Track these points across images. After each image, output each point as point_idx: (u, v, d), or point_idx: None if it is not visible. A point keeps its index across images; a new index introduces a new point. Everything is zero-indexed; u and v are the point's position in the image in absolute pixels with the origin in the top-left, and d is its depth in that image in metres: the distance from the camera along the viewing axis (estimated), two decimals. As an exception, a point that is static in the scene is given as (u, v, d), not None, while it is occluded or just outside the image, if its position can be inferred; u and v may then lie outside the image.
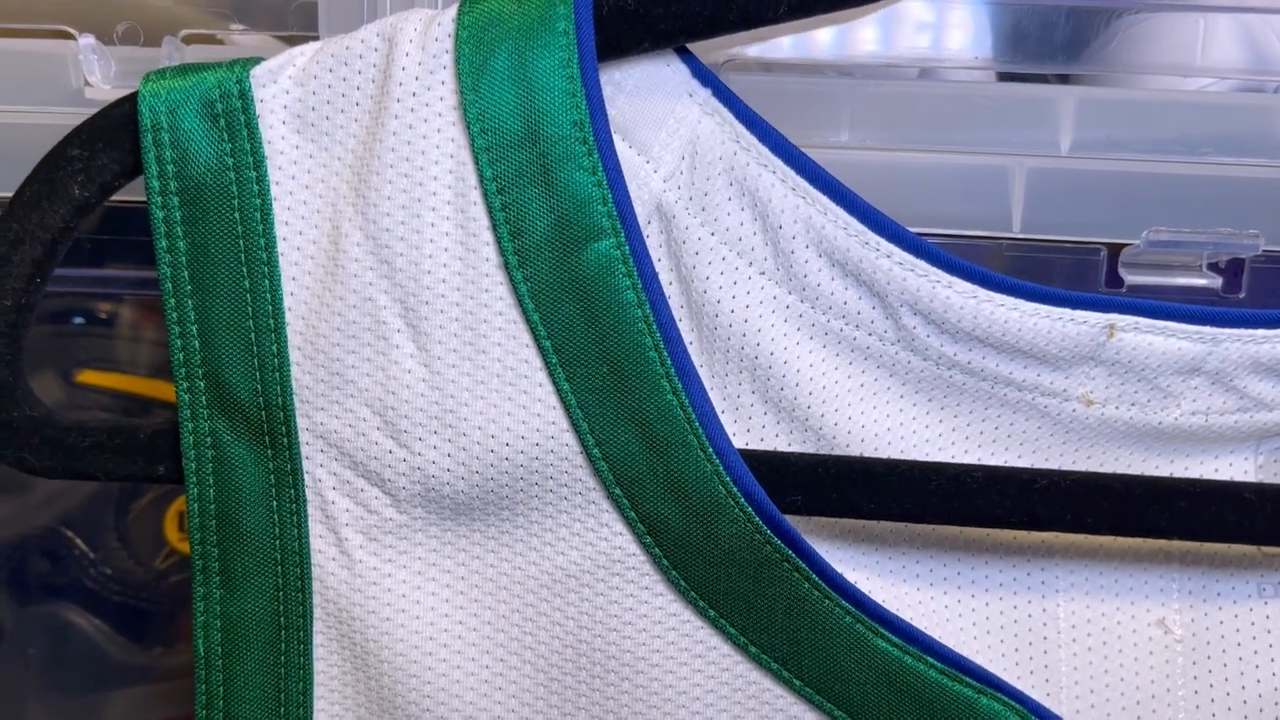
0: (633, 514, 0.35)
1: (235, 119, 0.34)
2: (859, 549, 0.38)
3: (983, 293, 0.36)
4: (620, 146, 0.36)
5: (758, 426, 0.38)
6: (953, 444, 0.39)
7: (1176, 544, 0.39)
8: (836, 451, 0.38)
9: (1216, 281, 0.38)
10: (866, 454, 0.38)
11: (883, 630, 0.36)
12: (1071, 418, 0.38)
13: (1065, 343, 0.37)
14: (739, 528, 0.35)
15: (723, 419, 0.38)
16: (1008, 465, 0.38)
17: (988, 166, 0.37)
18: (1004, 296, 0.36)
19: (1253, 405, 0.37)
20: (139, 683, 0.51)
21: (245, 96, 0.34)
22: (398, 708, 0.36)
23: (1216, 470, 0.39)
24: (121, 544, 0.50)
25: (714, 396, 0.38)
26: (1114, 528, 0.36)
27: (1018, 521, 0.36)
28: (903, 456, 0.39)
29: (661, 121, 0.37)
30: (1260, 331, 0.36)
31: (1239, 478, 0.39)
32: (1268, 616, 0.38)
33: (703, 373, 0.38)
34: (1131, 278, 0.38)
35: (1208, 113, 0.37)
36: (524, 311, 0.34)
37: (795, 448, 0.38)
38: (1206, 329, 0.37)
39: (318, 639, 0.36)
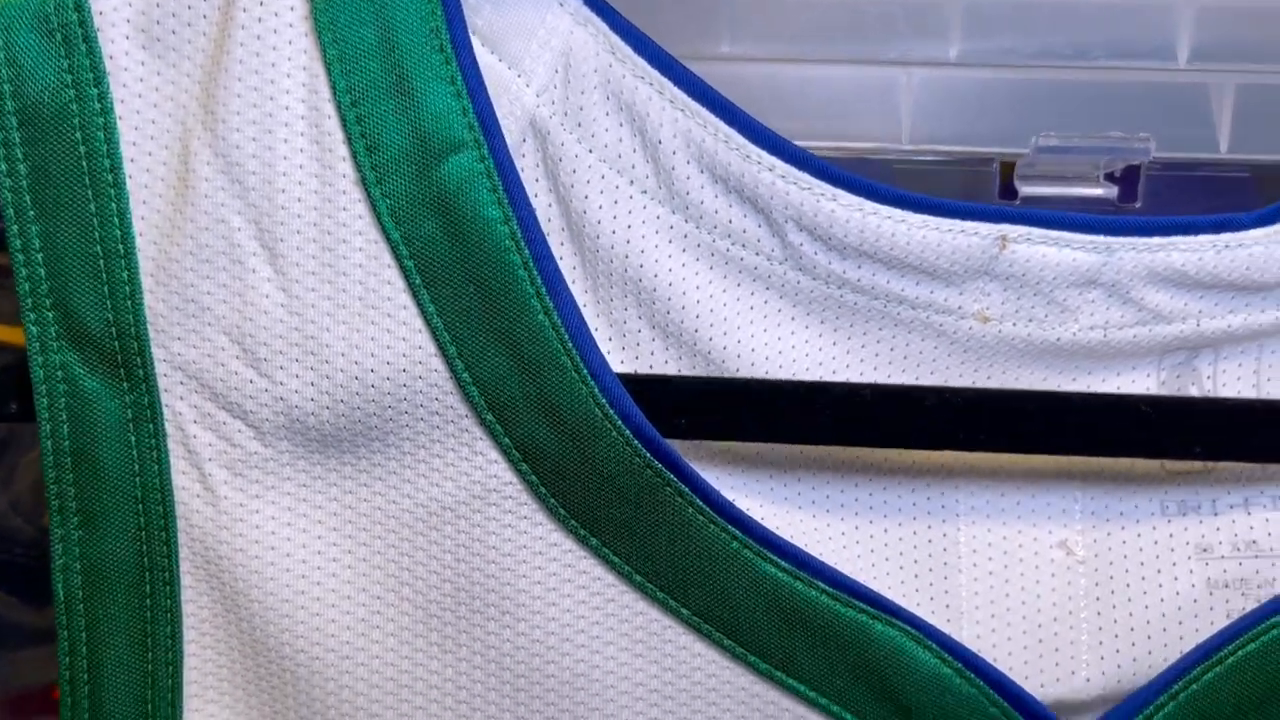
0: (506, 440, 0.34)
1: (72, 33, 0.33)
2: (751, 476, 0.37)
3: (868, 205, 0.35)
4: (489, 59, 0.35)
5: (646, 353, 0.37)
6: (847, 366, 0.37)
7: (1079, 465, 0.38)
8: (727, 376, 0.37)
9: (1112, 191, 0.37)
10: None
11: (771, 555, 0.35)
12: (968, 336, 0.37)
13: (957, 256, 0.35)
14: (617, 451, 0.34)
15: (609, 345, 0.37)
16: (904, 387, 0.37)
17: (875, 77, 0.36)
18: (890, 209, 0.35)
19: (1151, 318, 0.36)
20: (33, 644, 0.49)
21: (82, 9, 0.32)
22: (270, 649, 0.35)
23: (1119, 388, 0.38)
24: (7, 501, 0.48)
25: (600, 323, 0.37)
26: (1007, 444, 0.35)
27: (908, 440, 0.35)
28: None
29: (531, 32, 0.35)
30: (1155, 239, 0.35)
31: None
32: (1170, 535, 0.37)
33: (587, 298, 0.37)
34: (1026, 189, 0.37)
35: (1098, 16, 0.35)
36: (383, 230, 0.33)
37: (685, 374, 0.37)
38: (1100, 238, 0.35)
39: (185, 580, 0.35)
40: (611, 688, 0.35)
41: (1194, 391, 0.38)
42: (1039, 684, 0.37)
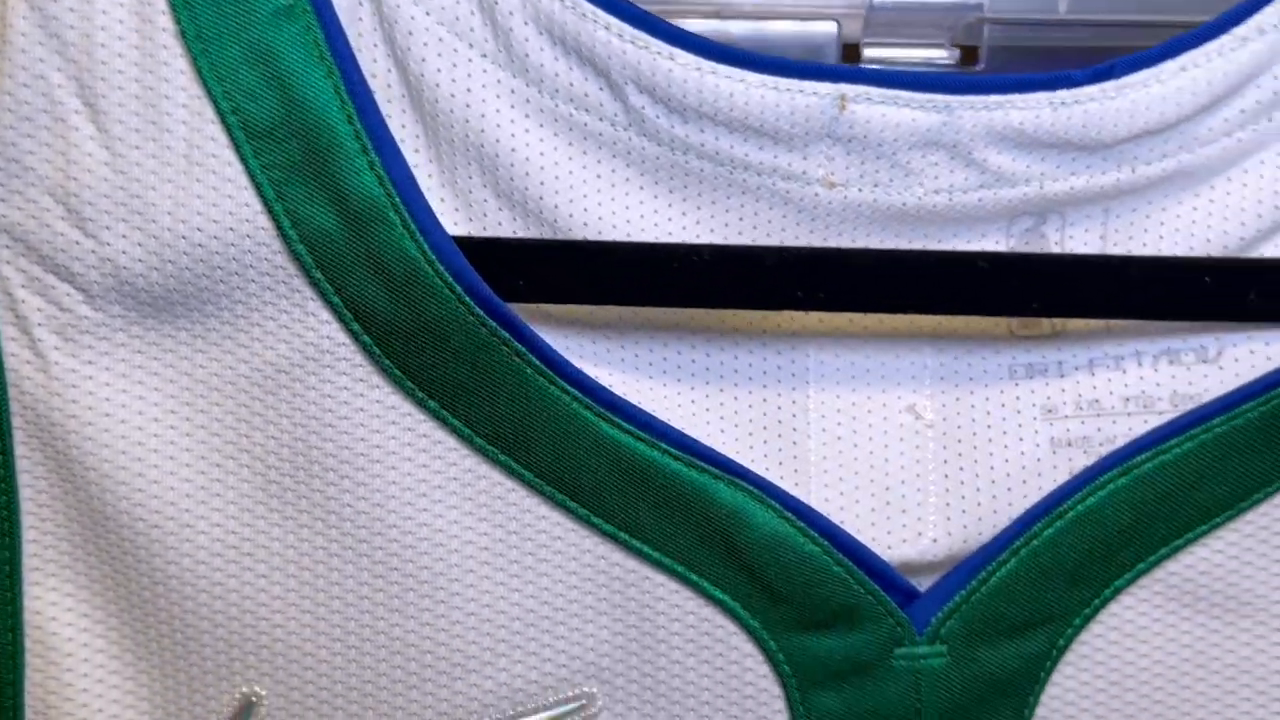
0: (337, 300, 0.34)
1: None
2: (597, 342, 0.37)
3: (706, 64, 0.35)
4: (319, -83, 0.34)
5: (493, 223, 0.37)
6: (696, 237, 0.37)
7: (928, 329, 0.38)
8: (571, 242, 0.37)
9: (954, 55, 0.37)
10: (604, 245, 0.37)
11: (614, 417, 0.35)
12: (815, 203, 0.37)
13: (797, 117, 0.35)
14: (450, 311, 0.34)
15: (456, 215, 0.37)
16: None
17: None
18: (729, 68, 0.35)
19: (994, 180, 0.36)
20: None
21: None
22: (109, 520, 0.34)
23: (969, 255, 0.38)
24: None
25: (445, 192, 0.37)
26: (846, 303, 0.35)
27: (749, 301, 0.35)
28: (648, 251, 0.37)
29: (362, -109, 0.35)
30: (992, 97, 0.35)
31: (991, 261, 0.38)
32: (1017, 398, 0.38)
33: (432, 167, 0.37)
34: (869, 52, 0.37)
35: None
36: (205, 85, 0.32)
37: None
38: (938, 97, 0.35)
39: (19, 450, 0.34)
40: (455, 552, 0.35)
41: (1042, 257, 0.38)
42: (886, 545, 0.37)
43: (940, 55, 0.37)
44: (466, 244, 0.34)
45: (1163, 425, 0.36)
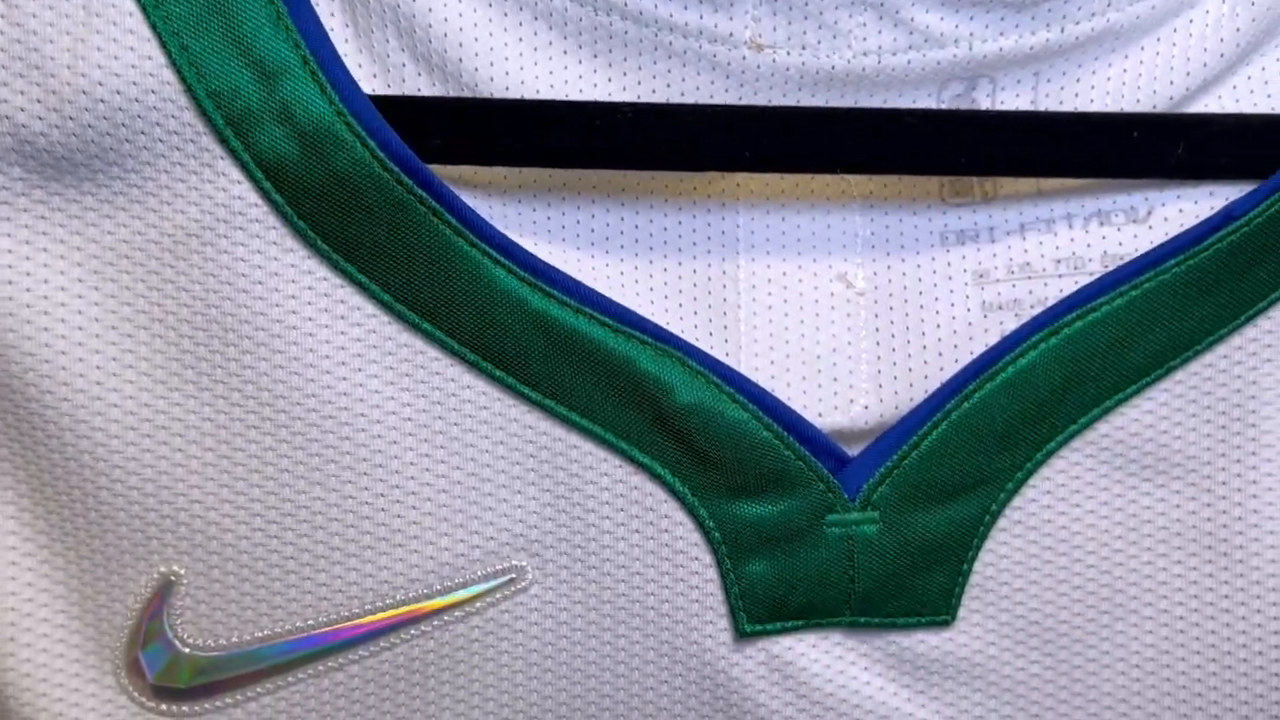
0: (247, 157, 0.33)
1: None
2: (522, 208, 0.36)
3: (626, -84, 0.34)
4: None
5: (412, 88, 0.35)
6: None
7: (860, 194, 0.38)
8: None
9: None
10: (526, 111, 0.36)
11: (538, 282, 0.34)
12: (742, 66, 0.36)
13: (720, -27, 0.35)
14: (365, 169, 0.33)
15: (373, 80, 0.35)
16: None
17: None
18: (649, -80, 0.34)
19: (923, 41, 0.36)
20: None
21: None
22: (16, 392, 0.33)
23: (899, 122, 0.37)
24: None
25: (363, 58, 0.35)
26: (771, 163, 0.35)
27: (673, 161, 0.34)
28: (574, 120, 0.36)
29: None
30: (938, -49, 0.35)
31: (922, 128, 0.37)
32: (949, 263, 0.37)
33: (348, 32, 0.35)
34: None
35: None
36: None
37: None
38: (865, -49, 0.35)
39: (-81, 322, 0.33)
40: (377, 423, 0.34)
41: (973, 123, 0.38)
42: (817, 413, 0.36)
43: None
44: (382, 102, 0.33)
45: (1091, 283, 0.35)
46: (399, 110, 0.33)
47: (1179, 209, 0.36)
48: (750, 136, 0.34)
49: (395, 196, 0.33)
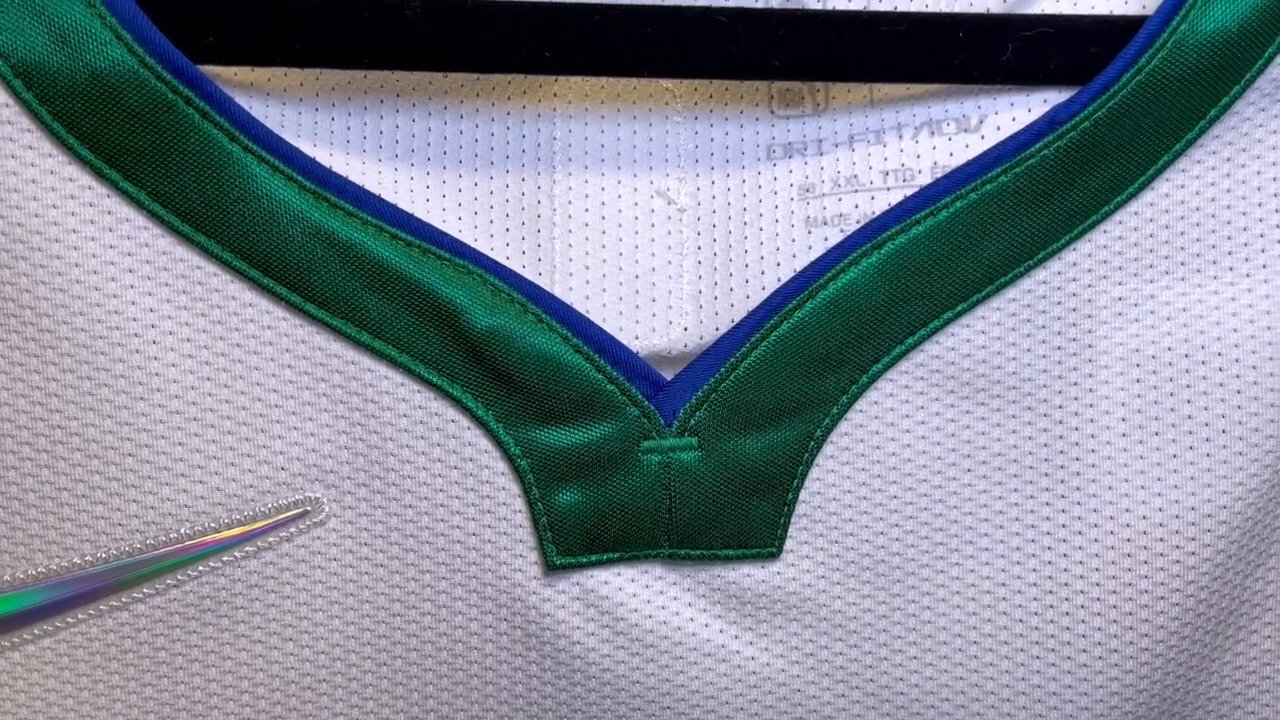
0: None
1: None
2: (322, 114, 0.34)
3: None
4: None
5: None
6: (429, 7, 0.34)
7: (684, 102, 0.36)
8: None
9: None
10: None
11: (323, 191, 0.32)
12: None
13: None
14: (124, 67, 0.30)
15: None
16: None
17: None
18: None
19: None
20: None
21: None
22: None
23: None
24: None
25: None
26: (577, 63, 0.32)
27: (465, 61, 0.32)
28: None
29: None
30: None
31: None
32: (775, 178, 0.35)
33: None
34: None
35: None
36: None
37: None
38: None
39: None
40: (153, 344, 0.32)
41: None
42: (634, 335, 0.35)
43: None
44: (146, -3, 0.31)
45: (914, 195, 0.33)
46: (168, 5, 0.31)
47: (1012, 117, 0.34)
48: (550, 35, 0.32)
49: (159, 97, 0.30)
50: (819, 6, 0.35)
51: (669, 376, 0.34)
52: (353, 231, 0.32)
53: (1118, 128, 0.32)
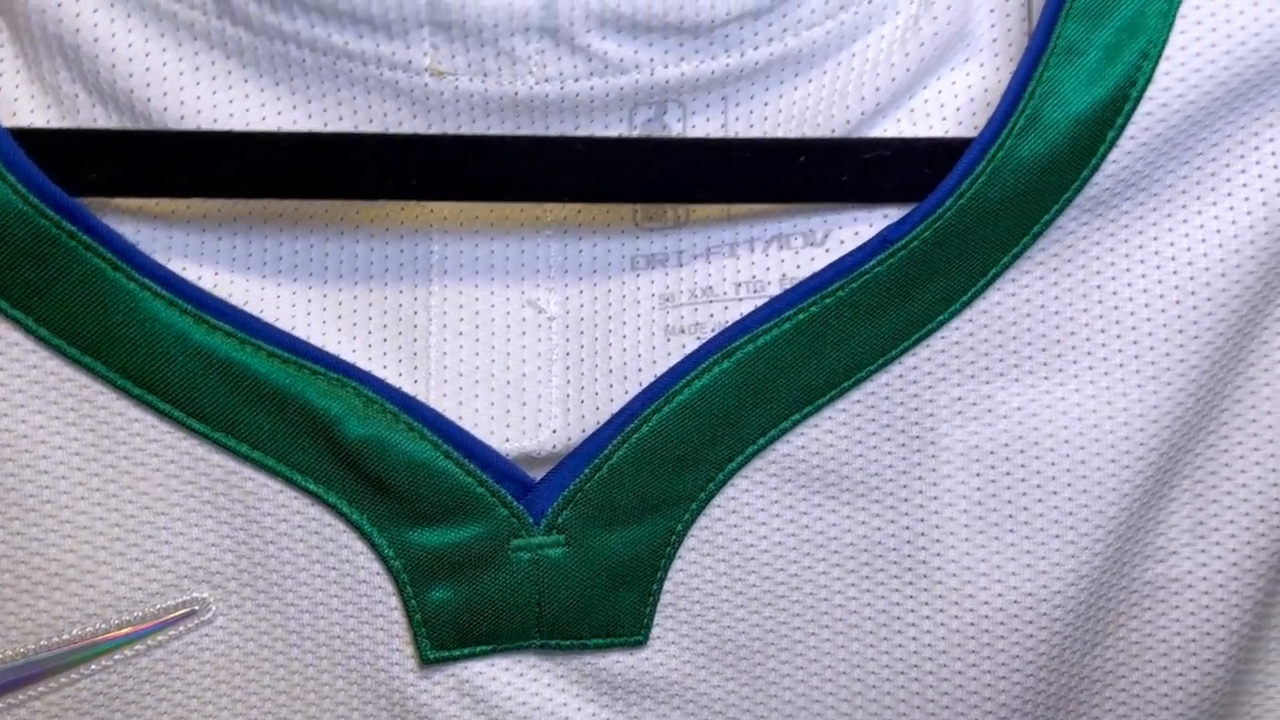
0: None
1: None
2: (208, 236, 0.36)
3: (285, -54, 0.34)
4: None
5: (88, 119, 0.35)
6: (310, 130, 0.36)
7: (555, 219, 0.38)
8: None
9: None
10: (203, 140, 0.35)
11: (202, 314, 0.34)
12: (427, 94, 0.36)
13: (390, 2, 0.34)
14: (10, 207, 0.32)
15: (48, 112, 0.35)
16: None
17: None
18: (309, -50, 0.34)
19: (604, 67, 0.36)
20: None
21: None
22: None
23: (593, 146, 0.38)
24: None
25: (35, 89, 0.35)
26: (444, 190, 0.35)
27: (335, 189, 0.34)
28: (261, 148, 0.36)
29: None
30: (589, -22, 0.35)
31: (616, 151, 0.38)
32: (638, 288, 0.38)
33: (19, 63, 0.35)
34: (468, -64, 0.36)
35: None
36: None
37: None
38: (533, -21, 0.35)
39: None
40: (43, 459, 0.34)
41: (666, 147, 0.38)
42: (504, 439, 0.37)
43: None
44: (30, 135, 0.33)
45: (760, 307, 0.36)
46: (51, 143, 0.33)
47: (854, 231, 0.37)
48: (419, 164, 0.34)
49: (43, 232, 0.32)
50: (678, 131, 0.37)
51: (538, 476, 0.36)
52: (231, 350, 0.34)
53: (946, 245, 0.35)
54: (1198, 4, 0.34)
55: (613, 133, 0.37)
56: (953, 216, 0.34)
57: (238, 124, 0.35)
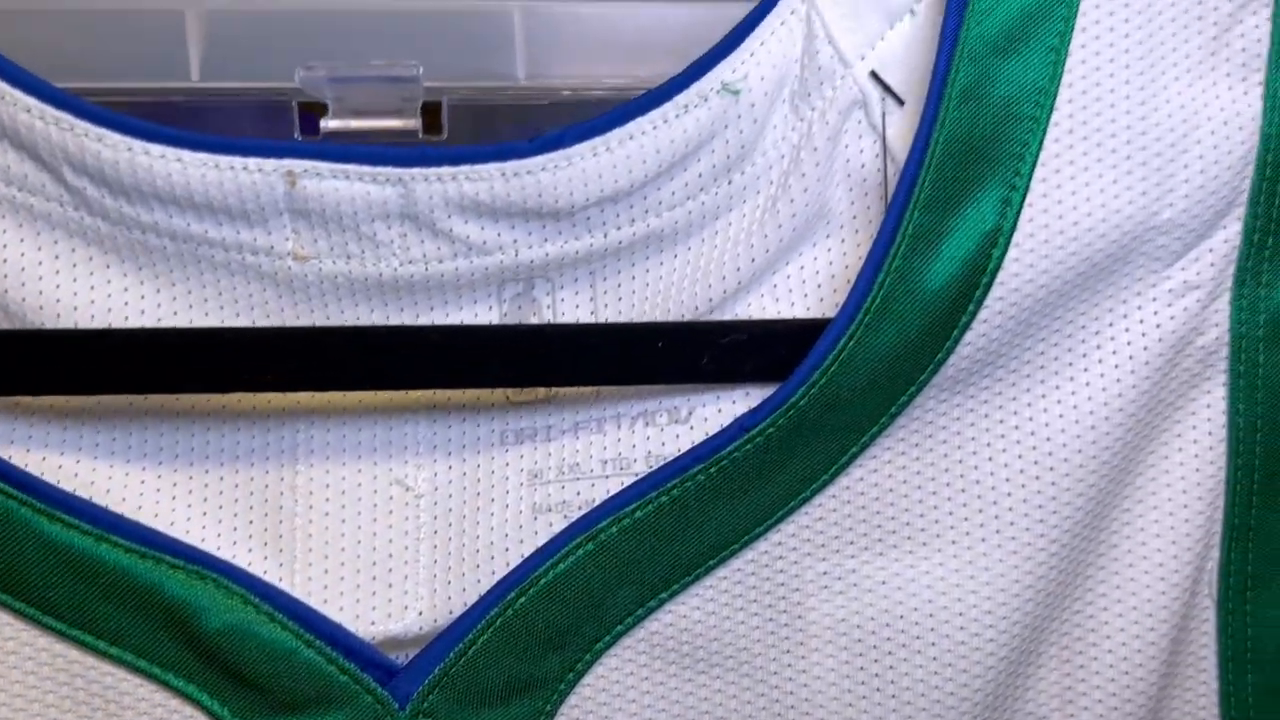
0: None
1: None
2: (64, 427, 0.36)
3: (138, 145, 0.34)
4: None
5: (-50, 314, 0.35)
6: (175, 314, 0.36)
7: (423, 398, 0.38)
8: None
9: (415, 124, 0.37)
10: (64, 330, 0.35)
11: (55, 511, 0.34)
12: (291, 276, 0.36)
13: (246, 194, 0.35)
14: None
15: (-96, 307, 0.35)
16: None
17: (158, 12, 0.35)
18: (164, 148, 0.34)
19: (466, 250, 0.36)
20: None
21: None
22: None
23: (461, 321, 0.38)
24: None
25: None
26: (297, 382, 0.35)
27: (187, 384, 0.34)
28: (125, 331, 0.36)
29: None
30: (445, 169, 0.35)
31: (485, 328, 0.38)
32: (506, 464, 0.38)
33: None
34: (327, 123, 0.37)
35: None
36: None
37: (-22, 330, 0.35)
38: (390, 170, 0.35)
39: None
40: (-105, 661, 0.34)
41: (534, 321, 0.38)
42: (370, 622, 0.36)
43: (401, 124, 0.36)
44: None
45: (624, 490, 0.36)
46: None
47: (718, 409, 0.37)
48: (276, 357, 0.34)
49: (-114, 440, 0.32)
50: (547, 305, 0.38)
51: (405, 659, 0.36)
52: (87, 546, 0.34)
53: (802, 431, 0.35)
54: (1044, 192, 0.35)
55: (482, 307, 0.38)
56: (806, 405, 0.35)
57: (98, 310, 0.35)
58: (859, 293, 0.35)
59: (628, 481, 0.37)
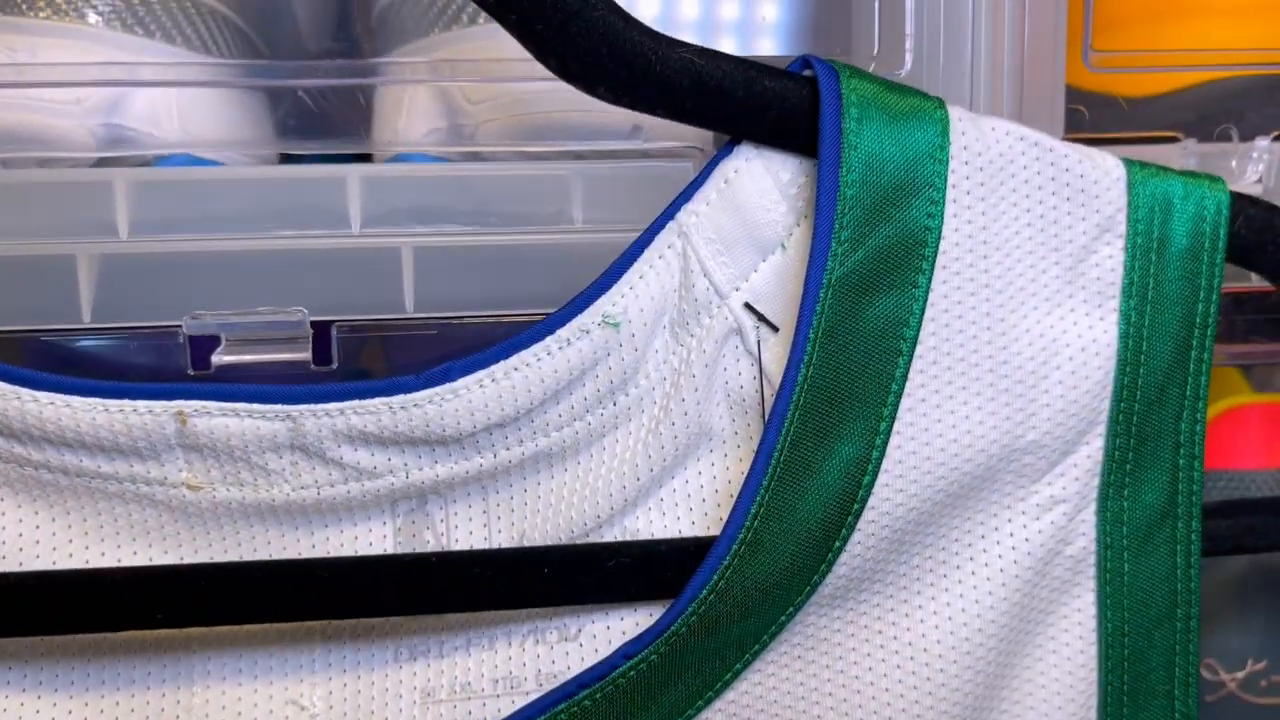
0: None
1: None
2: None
3: (25, 392, 0.35)
4: None
5: None
6: (70, 541, 0.37)
7: (319, 622, 0.39)
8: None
9: (306, 354, 0.38)
10: (-42, 567, 0.36)
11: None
12: (185, 502, 0.37)
13: (137, 434, 0.35)
14: None
15: None
16: (136, 559, 0.37)
17: (51, 256, 0.36)
18: (50, 394, 0.35)
19: (357, 474, 0.37)
20: None
21: None
22: None
23: (357, 538, 0.38)
24: None
25: None
26: (184, 619, 0.35)
27: (83, 624, 0.35)
28: (21, 566, 0.37)
29: None
30: (333, 405, 0.36)
31: (379, 542, 0.39)
32: (400, 681, 0.38)
33: None
34: (220, 358, 0.38)
35: (276, 189, 0.36)
36: None
37: None
38: (279, 407, 0.36)
39: None
40: None
41: (429, 536, 0.39)
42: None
43: (291, 356, 0.37)
44: None
45: (513, 715, 0.36)
46: None
47: (606, 626, 0.38)
48: (159, 597, 0.35)
49: None
50: (441, 519, 0.38)
51: None
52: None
53: (683, 656, 0.36)
54: (911, 420, 0.36)
55: (376, 523, 0.38)
56: (685, 633, 0.36)
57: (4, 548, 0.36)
58: (734, 524, 0.36)
59: (519, 701, 0.37)
